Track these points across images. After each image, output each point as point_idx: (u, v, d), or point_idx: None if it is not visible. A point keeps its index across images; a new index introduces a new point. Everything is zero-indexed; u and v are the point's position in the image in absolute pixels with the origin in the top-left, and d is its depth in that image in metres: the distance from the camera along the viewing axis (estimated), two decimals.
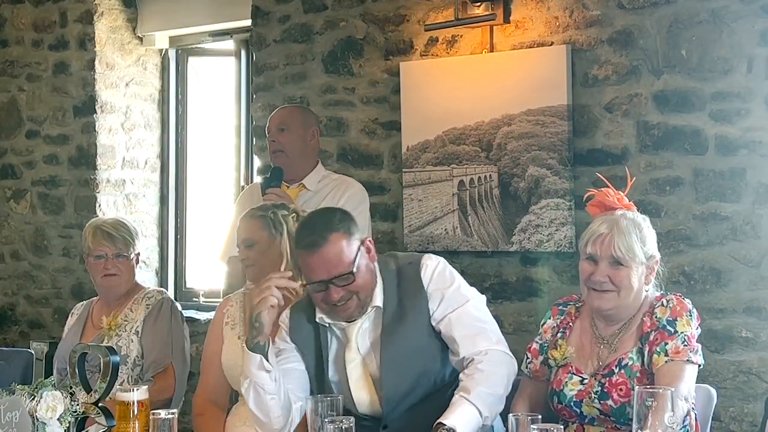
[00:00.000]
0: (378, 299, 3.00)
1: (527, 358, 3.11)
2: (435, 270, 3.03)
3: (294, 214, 3.44)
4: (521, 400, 3.08)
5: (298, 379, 3.04)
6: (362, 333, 3.02)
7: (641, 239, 2.95)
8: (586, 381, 2.94)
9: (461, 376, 2.90)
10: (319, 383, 3.05)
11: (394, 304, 3.00)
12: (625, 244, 2.92)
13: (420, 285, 3.00)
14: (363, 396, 3.01)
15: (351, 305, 2.95)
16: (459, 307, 2.98)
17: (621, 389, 2.87)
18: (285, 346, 3.08)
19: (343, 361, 3.02)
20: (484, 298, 3.09)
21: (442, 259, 3.08)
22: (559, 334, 3.07)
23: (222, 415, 3.46)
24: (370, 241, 3.03)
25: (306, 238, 2.94)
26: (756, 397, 4.09)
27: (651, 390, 2.45)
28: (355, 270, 2.91)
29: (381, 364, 2.97)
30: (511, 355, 2.97)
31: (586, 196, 3.19)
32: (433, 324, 2.99)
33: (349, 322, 3.01)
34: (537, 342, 3.11)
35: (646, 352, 2.88)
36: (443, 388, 2.99)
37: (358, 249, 2.95)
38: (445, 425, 2.74)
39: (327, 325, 3.04)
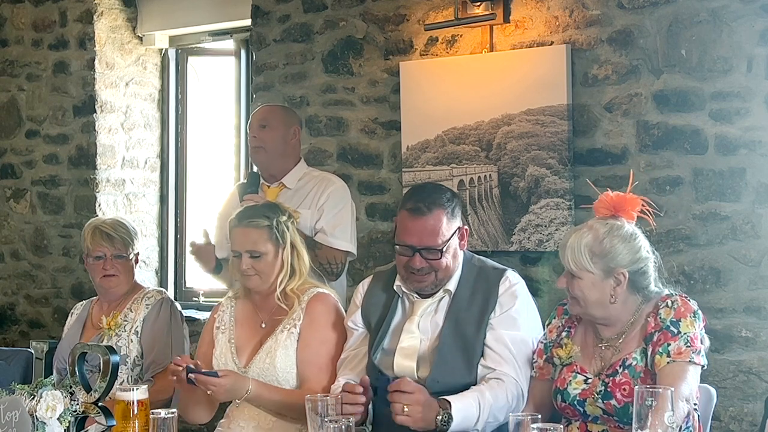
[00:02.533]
0: (452, 284, 3.18)
1: (534, 359, 3.14)
2: (514, 285, 3.18)
3: (291, 218, 3.46)
4: (529, 403, 3.11)
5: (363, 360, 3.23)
6: (428, 312, 3.18)
7: (598, 252, 2.94)
8: (590, 380, 2.95)
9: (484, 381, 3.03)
10: (369, 345, 3.22)
11: (465, 296, 3.16)
12: (572, 256, 2.97)
13: (496, 290, 3.15)
14: (404, 364, 3.13)
15: (427, 279, 3.14)
16: (512, 329, 3.10)
17: (624, 389, 2.87)
18: (355, 330, 3.28)
19: (400, 331, 3.17)
20: (539, 334, 3.18)
21: (523, 283, 3.23)
22: (563, 333, 3.09)
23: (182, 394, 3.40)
24: (466, 230, 3.22)
25: (413, 202, 3.13)
26: (756, 396, 4.09)
27: (651, 389, 2.45)
28: (444, 249, 3.10)
29: (438, 345, 3.11)
30: (524, 401, 3.08)
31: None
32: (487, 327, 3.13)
33: (420, 296, 3.18)
34: (542, 342, 3.13)
35: (649, 353, 2.88)
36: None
37: (454, 232, 3.14)
38: (449, 407, 2.86)
39: (401, 294, 3.23)
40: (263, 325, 3.42)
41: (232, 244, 3.44)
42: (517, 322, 3.11)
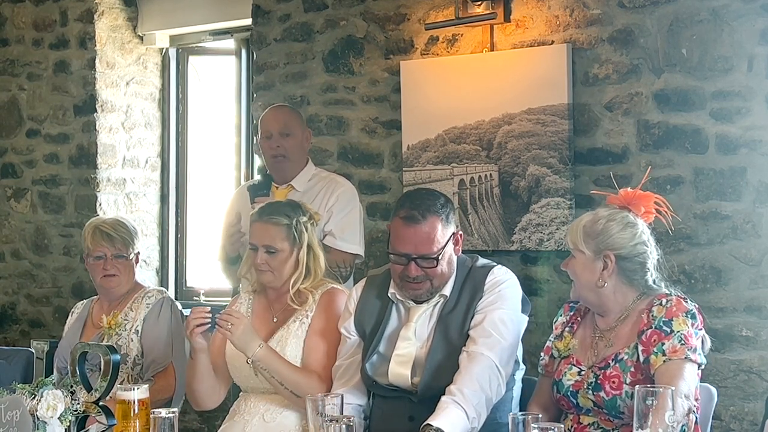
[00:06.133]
0: (447, 289, 3.15)
1: (541, 357, 3.16)
2: (499, 278, 3.15)
3: (311, 220, 3.49)
4: (535, 400, 3.13)
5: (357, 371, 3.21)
6: (424, 318, 3.15)
7: (590, 232, 2.99)
8: (583, 372, 2.98)
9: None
10: (362, 353, 3.20)
11: (455, 298, 3.14)
12: (570, 235, 3.03)
13: (481, 286, 3.13)
14: (399, 371, 3.11)
15: (422, 287, 3.11)
16: (491, 310, 3.08)
17: (614, 382, 2.90)
18: (348, 338, 3.25)
19: (395, 338, 3.15)
20: (525, 320, 3.18)
21: (513, 276, 3.19)
22: (566, 329, 3.12)
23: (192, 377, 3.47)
24: (460, 235, 3.18)
25: (406, 210, 3.09)
26: (756, 396, 4.09)
27: (651, 388, 2.45)
28: (440, 257, 3.07)
29: (429, 351, 3.08)
30: (503, 378, 3.04)
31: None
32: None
33: (416, 302, 3.15)
34: (550, 340, 3.16)
35: (640, 350, 2.89)
36: None
37: (449, 238, 3.09)
38: (432, 426, 2.79)
39: (395, 302, 3.20)
40: (275, 320, 3.46)
41: (250, 237, 3.49)
42: (495, 303, 3.09)
